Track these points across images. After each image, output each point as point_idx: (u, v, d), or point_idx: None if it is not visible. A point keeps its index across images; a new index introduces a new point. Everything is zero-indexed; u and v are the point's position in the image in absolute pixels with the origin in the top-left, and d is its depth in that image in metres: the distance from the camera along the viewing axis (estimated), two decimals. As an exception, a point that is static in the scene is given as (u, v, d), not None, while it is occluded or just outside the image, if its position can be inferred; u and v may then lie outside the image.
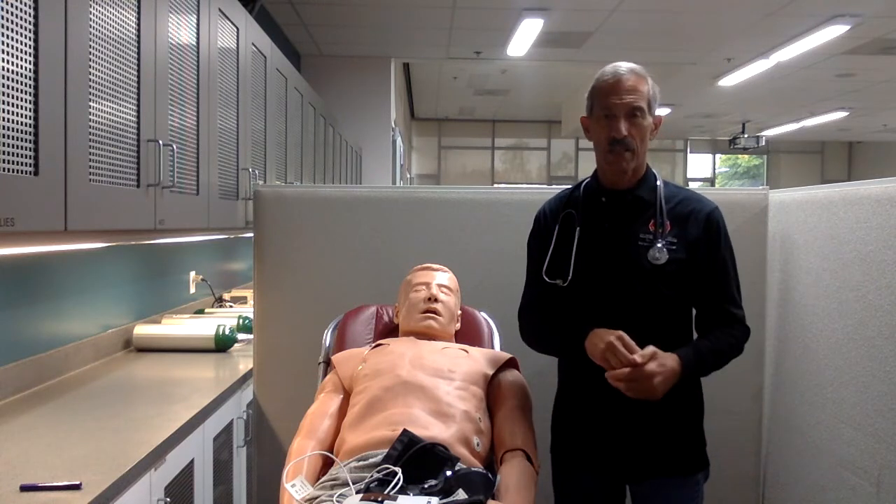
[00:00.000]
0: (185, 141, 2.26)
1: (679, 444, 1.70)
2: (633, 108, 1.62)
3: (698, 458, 1.74)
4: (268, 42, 3.40)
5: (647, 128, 1.65)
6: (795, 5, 5.38)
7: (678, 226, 1.67)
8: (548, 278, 1.73)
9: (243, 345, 2.92)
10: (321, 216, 2.38)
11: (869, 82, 8.34)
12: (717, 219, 1.70)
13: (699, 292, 1.69)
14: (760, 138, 11.91)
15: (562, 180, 13.59)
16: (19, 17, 1.36)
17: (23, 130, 1.37)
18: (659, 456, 1.68)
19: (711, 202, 1.73)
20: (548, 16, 5.69)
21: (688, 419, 1.73)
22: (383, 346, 1.84)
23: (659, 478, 1.69)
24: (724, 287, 1.69)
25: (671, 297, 1.66)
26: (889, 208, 1.76)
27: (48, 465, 1.56)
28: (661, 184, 1.71)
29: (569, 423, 1.78)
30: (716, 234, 1.69)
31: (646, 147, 1.67)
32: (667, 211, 1.68)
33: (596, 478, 1.73)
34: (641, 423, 1.66)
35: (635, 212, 1.69)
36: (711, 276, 1.68)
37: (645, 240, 1.65)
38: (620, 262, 1.66)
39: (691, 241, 1.66)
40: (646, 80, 1.66)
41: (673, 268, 1.64)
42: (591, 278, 1.68)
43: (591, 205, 1.74)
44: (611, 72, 1.65)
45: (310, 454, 1.62)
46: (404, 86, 9.70)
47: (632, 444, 1.68)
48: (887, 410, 1.73)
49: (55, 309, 2.33)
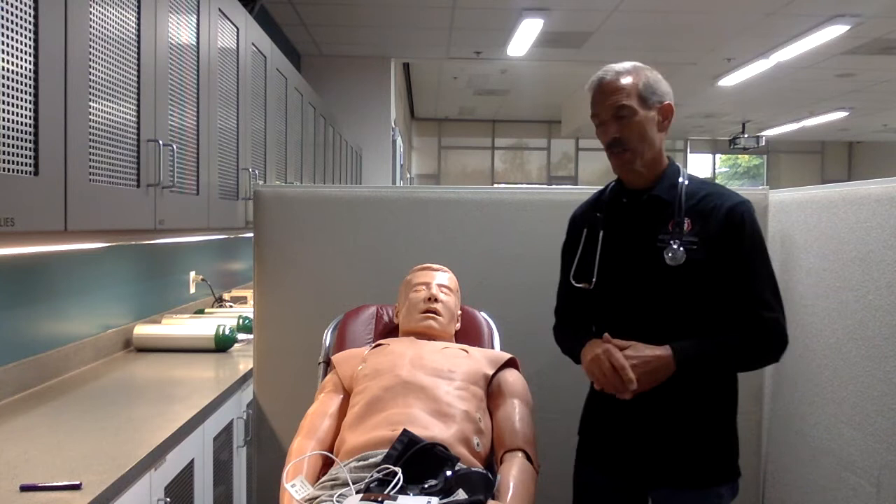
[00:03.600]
0: (185, 141, 2.26)
1: (698, 452, 1.60)
2: (618, 109, 1.57)
3: (722, 469, 1.62)
4: (268, 42, 3.40)
5: (644, 122, 1.57)
6: (795, 5, 5.38)
7: (699, 224, 1.57)
8: (574, 282, 1.71)
9: (243, 345, 2.92)
10: (321, 216, 2.38)
11: (869, 82, 8.34)
12: (740, 213, 1.57)
13: (725, 294, 1.56)
14: (760, 138, 11.91)
15: (562, 180, 13.59)
16: (19, 17, 1.36)
17: (23, 130, 1.37)
18: (675, 464, 1.60)
19: (739, 196, 1.61)
20: (548, 16, 5.69)
21: (713, 428, 1.62)
22: (383, 346, 1.84)
23: (673, 487, 1.61)
24: (751, 288, 1.55)
25: (693, 300, 1.57)
26: (889, 208, 1.76)
27: (48, 465, 1.56)
28: (683, 181, 1.63)
29: (595, 424, 1.75)
30: (738, 229, 1.56)
31: (650, 143, 1.59)
32: (688, 209, 1.59)
33: (614, 480, 1.69)
34: (664, 429, 1.60)
35: (653, 212, 1.62)
36: (736, 277, 1.55)
37: (663, 240, 1.57)
38: (640, 264, 1.60)
39: (711, 239, 1.56)
40: (633, 74, 1.59)
41: (693, 269, 1.55)
42: (614, 281, 1.64)
43: (614, 207, 1.70)
44: (595, 78, 1.61)
45: (310, 454, 1.62)
46: (404, 86, 9.70)
47: (650, 450, 1.61)
48: (887, 410, 1.73)
49: (55, 309, 2.33)
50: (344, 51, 6.75)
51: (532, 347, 2.10)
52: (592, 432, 1.76)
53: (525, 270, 2.37)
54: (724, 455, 1.63)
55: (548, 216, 2.37)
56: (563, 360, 1.78)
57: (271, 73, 3.44)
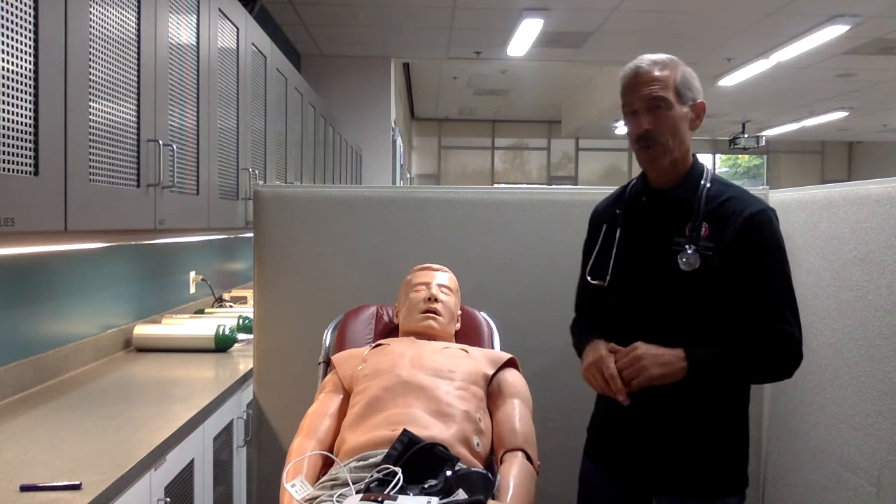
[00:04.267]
0: (185, 141, 2.26)
1: (706, 460, 1.57)
2: (653, 100, 1.51)
3: (729, 479, 1.58)
4: (268, 42, 3.40)
5: (678, 118, 1.52)
6: (795, 5, 5.38)
7: (717, 229, 1.53)
8: (590, 278, 1.70)
9: (243, 345, 2.92)
10: (321, 216, 2.38)
11: (869, 82, 8.34)
12: (759, 221, 1.51)
13: (739, 303, 1.51)
14: (760, 138, 11.90)
15: (562, 180, 13.59)
16: (19, 17, 1.36)
17: (23, 130, 1.37)
18: (681, 470, 1.57)
19: (762, 203, 1.54)
20: (548, 16, 5.69)
21: (723, 435, 1.58)
22: (383, 346, 1.84)
23: (679, 495, 1.58)
24: (767, 299, 1.50)
25: (705, 306, 1.53)
26: (889, 208, 1.76)
27: (48, 465, 1.56)
28: (706, 183, 1.57)
29: (604, 424, 1.74)
30: (755, 237, 1.50)
31: (681, 139, 1.55)
32: (707, 213, 1.54)
33: (619, 483, 1.67)
34: (673, 434, 1.58)
35: (672, 214, 1.58)
36: (752, 286, 1.50)
37: (679, 244, 1.53)
38: (654, 266, 1.57)
39: (727, 246, 1.51)
40: (671, 67, 1.54)
41: (707, 275, 1.50)
42: (627, 281, 1.63)
43: (633, 205, 1.67)
44: (631, 66, 1.56)
45: (310, 454, 1.62)
46: (404, 86, 9.70)
47: (657, 454, 1.59)
48: (887, 410, 1.73)
49: (55, 309, 2.33)
50: (344, 51, 6.75)
51: (532, 347, 2.11)
52: (601, 431, 1.75)
53: (525, 270, 2.37)
54: (733, 464, 1.60)
55: (548, 216, 2.37)
56: (564, 360, 1.78)
57: (271, 73, 3.44)
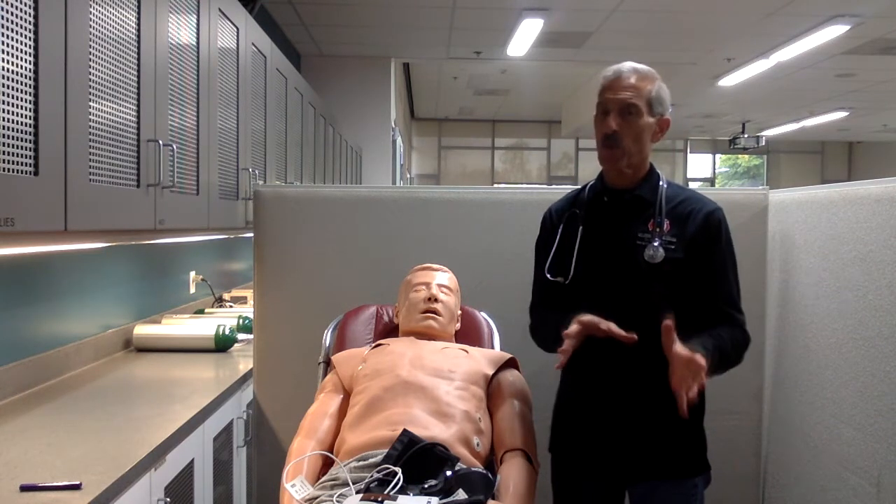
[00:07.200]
0: (185, 141, 2.26)
1: (674, 446, 1.67)
2: (626, 105, 1.61)
3: (696, 461, 1.71)
4: (268, 42, 3.40)
5: (644, 127, 1.63)
6: (795, 5, 5.38)
7: (678, 226, 1.66)
8: (550, 276, 1.74)
9: (243, 345, 2.92)
10: (321, 216, 2.38)
11: (869, 82, 8.34)
12: (717, 219, 1.67)
13: (697, 293, 1.65)
14: (760, 138, 11.91)
15: (562, 180, 13.58)
16: (19, 17, 1.36)
17: (23, 130, 1.37)
18: (653, 458, 1.66)
19: (714, 203, 1.71)
20: (548, 16, 5.69)
21: (686, 421, 1.64)
22: (383, 346, 1.84)
23: (652, 480, 1.67)
24: (722, 288, 1.67)
25: (669, 296, 1.63)
26: (889, 208, 1.76)
27: (48, 465, 1.56)
28: (664, 184, 1.70)
29: (567, 423, 1.78)
30: (714, 233, 1.66)
31: (642, 147, 1.65)
32: (667, 211, 1.66)
33: (593, 482, 1.72)
34: (638, 425, 1.65)
35: (635, 211, 1.68)
36: (709, 277, 1.66)
37: (643, 239, 1.64)
38: (618, 260, 1.66)
39: (689, 240, 1.65)
40: (649, 79, 1.64)
41: (670, 267, 1.62)
42: (591, 276, 1.69)
43: (594, 204, 1.75)
44: (613, 69, 1.66)
45: (310, 454, 1.62)
46: (404, 86, 9.70)
47: (627, 446, 1.67)
48: (887, 410, 1.73)
49: (55, 309, 2.33)
50: (344, 51, 6.75)
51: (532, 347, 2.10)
52: (568, 431, 1.77)
53: (525, 270, 2.34)
54: (696, 449, 1.71)
55: (548, 216, 2.37)
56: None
57: (271, 73, 3.44)
